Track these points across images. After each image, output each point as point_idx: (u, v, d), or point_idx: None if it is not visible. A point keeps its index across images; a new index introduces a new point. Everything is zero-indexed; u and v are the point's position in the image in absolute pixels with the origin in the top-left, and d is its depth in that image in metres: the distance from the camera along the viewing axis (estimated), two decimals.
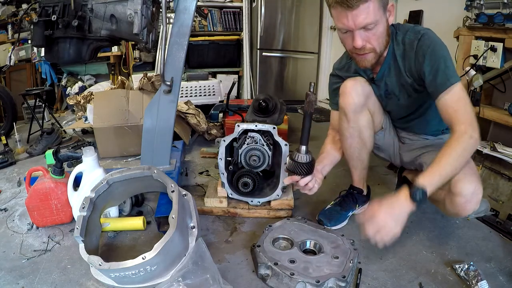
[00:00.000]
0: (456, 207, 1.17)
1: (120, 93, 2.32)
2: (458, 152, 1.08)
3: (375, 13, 1.10)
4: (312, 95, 1.18)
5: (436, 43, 1.17)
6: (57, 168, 1.45)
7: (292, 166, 1.23)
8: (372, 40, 1.17)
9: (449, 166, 1.08)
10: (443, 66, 1.13)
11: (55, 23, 1.39)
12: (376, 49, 1.20)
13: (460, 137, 1.09)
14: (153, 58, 3.96)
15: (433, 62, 1.15)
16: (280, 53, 3.93)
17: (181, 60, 1.59)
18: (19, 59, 4.21)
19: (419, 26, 1.25)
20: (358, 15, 1.09)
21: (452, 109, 1.12)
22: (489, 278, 1.12)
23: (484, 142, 1.86)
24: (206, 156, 2.29)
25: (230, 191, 1.54)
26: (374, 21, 1.12)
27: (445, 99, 1.14)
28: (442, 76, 1.14)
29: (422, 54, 1.18)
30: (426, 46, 1.17)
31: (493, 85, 1.86)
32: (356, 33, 1.14)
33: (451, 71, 1.14)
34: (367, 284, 1.14)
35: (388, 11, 1.17)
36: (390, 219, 1.06)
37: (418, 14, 2.46)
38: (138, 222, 1.41)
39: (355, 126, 1.37)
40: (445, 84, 1.13)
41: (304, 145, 1.21)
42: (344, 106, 1.35)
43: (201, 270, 1.02)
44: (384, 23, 1.16)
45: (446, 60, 1.15)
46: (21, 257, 1.29)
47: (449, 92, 1.12)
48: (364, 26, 1.12)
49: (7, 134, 2.76)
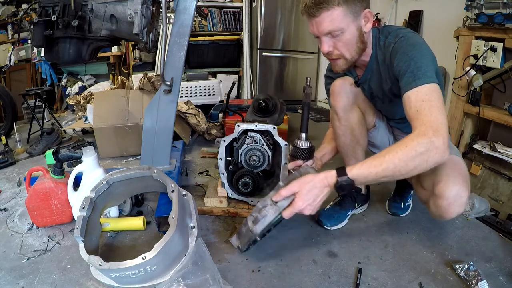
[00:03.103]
0: (439, 209, 1.13)
1: (120, 93, 2.32)
2: (408, 154, 0.97)
3: (340, 20, 1.11)
4: (308, 88, 1.28)
5: (410, 44, 1.12)
6: (57, 168, 1.45)
7: (294, 151, 1.33)
8: (339, 46, 1.17)
9: (392, 165, 0.99)
10: (413, 67, 1.07)
11: (55, 23, 1.39)
12: (345, 56, 1.20)
13: (416, 138, 0.98)
14: (153, 58, 3.96)
15: (403, 62, 1.10)
16: (280, 53, 3.93)
17: (181, 60, 1.59)
18: (19, 59, 4.21)
19: (403, 29, 1.20)
20: (321, 22, 1.13)
21: (414, 109, 1.03)
22: (489, 278, 1.12)
23: (484, 142, 1.86)
24: (206, 156, 2.29)
25: (230, 191, 1.54)
26: (339, 28, 1.12)
27: (408, 97, 1.05)
28: (409, 76, 1.07)
29: (394, 56, 1.15)
30: (400, 48, 1.13)
31: (493, 85, 1.86)
32: (322, 39, 1.17)
33: (422, 72, 1.05)
34: (367, 284, 1.14)
35: (365, 18, 1.16)
36: (311, 200, 1.07)
37: (418, 14, 2.46)
38: (138, 222, 1.41)
39: (346, 124, 1.39)
40: (410, 84, 1.05)
41: (303, 132, 1.31)
42: (334, 105, 1.39)
43: (201, 270, 1.02)
44: (353, 31, 1.15)
45: (419, 61, 1.07)
46: (21, 257, 1.29)
47: (414, 92, 1.04)
48: (329, 33, 1.14)
49: (7, 134, 2.76)
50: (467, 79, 1.88)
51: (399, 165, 0.98)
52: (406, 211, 1.57)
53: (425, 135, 0.97)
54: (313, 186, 1.07)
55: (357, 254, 1.29)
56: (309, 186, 1.07)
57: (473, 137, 1.92)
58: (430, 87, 1.04)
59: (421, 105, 1.02)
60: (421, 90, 1.04)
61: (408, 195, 1.59)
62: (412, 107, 1.04)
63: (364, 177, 1.03)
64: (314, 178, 1.08)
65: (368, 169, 1.02)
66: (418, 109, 1.02)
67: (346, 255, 1.28)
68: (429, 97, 1.02)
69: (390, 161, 0.99)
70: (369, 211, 1.60)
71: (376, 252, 1.30)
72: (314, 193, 1.07)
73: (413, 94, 1.04)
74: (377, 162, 1.01)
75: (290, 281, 1.17)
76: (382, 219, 1.54)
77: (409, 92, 1.06)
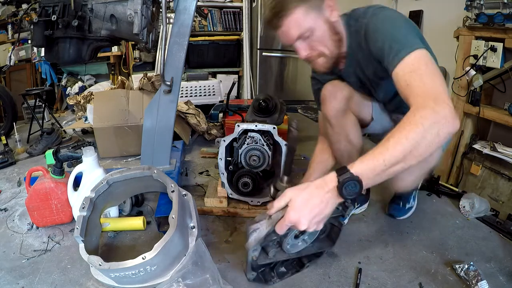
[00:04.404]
0: None
1: (120, 93, 2.32)
2: (416, 130, 0.82)
3: (304, 20, 1.07)
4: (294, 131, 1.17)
5: (380, 20, 1.04)
6: (57, 168, 1.45)
7: (275, 194, 1.34)
8: (315, 46, 1.13)
9: (401, 147, 0.83)
10: (390, 42, 0.98)
11: (55, 23, 1.39)
12: (324, 52, 1.15)
13: (417, 111, 0.84)
14: (153, 58, 3.96)
15: (379, 42, 1.01)
16: (280, 53, 3.92)
17: (181, 60, 1.59)
18: (19, 59, 4.21)
19: (371, 6, 1.11)
20: (287, 30, 1.09)
21: (405, 84, 0.91)
22: (489, 278, 1.12)
23: (484, 142, 1.86)
24: (206, 156, 2.29)
25: (230, 191, 1.54)
26: (307, 29, 1.08)
27: (396, 74, 0.94)
28: (389, 52, 0.97)
29: (369, 38, 1.07)
30: (372, 27, 1.05)
31: (493, 85, 1.86)
32: (295, 46, 1.13)
33: (401, 44, 0.95)
34: (367, 284, 1.14)
35: (328, 7, 1.10)
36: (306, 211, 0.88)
37: (418, 14, 2.46)
38: (138, 222, 1.41)
39: (340, 131, 1.34)
40: (393, 61, 0.95)
41: (286, 175, 1.35)
42: (326, 113, 1.33)
43: (201, 270, 1.02)
44: (321, 25, 1.10)
45: (394, 33, 0.98)
46: (21, 257, 1.29)
47: (399, 67, 0.94)
48: (299, 37, 1.10)
49: (7, 134, 2.76)
50: (467, 79, 1.87)
51: (409, 145, 0.82)
52: (406, 214, 1.53)
53: (425, 107, 0.84)
54: (309, 194, 0.89)
55: (357, 254, 1.29)
56: (305, 194, 0.89)
57: (473, 137, 1.91)
58: (414, 55, 0.93)
59: (410, 77, 0.90)
60: (406, 62, 0.93)
61: (409, 196, 1.54)
62: (402, 83, 0.92)
63: (371, 169, 0.85)
64: (310, 184, 0.91)
65: (373, 159, 0.85)
66: (408, 83, 0.90)
67: (346, 255, 1.28)
68: (417, 65, 0.91)
69: (396, 143, 0.83)
70: (369, 211, 1.60)
71: (376, 252, 1.30)
72: (313, 203, 0.88)
73: (399, 70, 0.94)
74: (381, 149, 0.85)
75: (290, 281, 1.16)
76: (382, 219, 1.54)
77: (395, 70, 0.95)
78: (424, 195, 1.73)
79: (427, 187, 1.78)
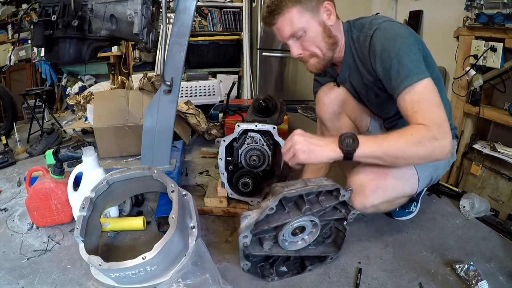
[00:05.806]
0: None
1: (120, 93, 2.32)
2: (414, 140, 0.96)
3: (297, 20, 1.10)
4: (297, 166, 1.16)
5: (389, 38, 1.05)
6: (57, 168, 1.45)
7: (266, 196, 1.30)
8: (307, 46, 1.16)
9: (395, 145, 0.99)
10: (397, 66, 1.02)
11: (55, 23, 1.39)
12: (316, 53, 1.17)
13: (421, 130, 0.97)
14: (153, 58, 3.96)
15: (386, 62, 1.05)
16: (280, 53, 3.92)
17: (181, 60, 1.59)
18: (19, 59, 4.21)
19: (378, 18, 1.13)
20: (281, 28, 1.13)
21: (412, 111, 1.00)
22: (489, 278, 1.12)
23: (484, 142, 1.86)
24: (206, 156, 2.29)
25: (230, 191, 1.54)
26: (299, 29, 1.12)
27: (403, 100, 1.02)
28: (396, 77, 1.03)
29: (373, 54, 1.09)
30: (378, 44, 1.07)
31: (493, 85, 1.86)
32: (288, 44, 1.16)
33: (409, 70, 1.01)
34: (367, 284, 1.14)
35: (326, 11, 1.13)
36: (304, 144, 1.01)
37: (418, 14, 2.46)
38: (138, 222, 1.41)
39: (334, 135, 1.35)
40: (399, 86, 1.02)
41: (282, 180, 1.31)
42: (320, 115, 1.36)
43: (201, 270, 1.02)
44: (315, 27, 1.13)
45: (402, 57, 1.02)
46: (21, 257, 1.29)
47: (408, 93, 1.01)
48: (292, 35, 1.13)
49: (7, 134, 2.76)
50: (467, 79, 1.87)
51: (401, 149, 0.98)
52: (406, 215, 1.51)
53: (430, 131, 0.96)
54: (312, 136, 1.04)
55: (357, 254, 1.29)
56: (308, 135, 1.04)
57: (473, 137, 1.91)
58: (422, 84, 1.00)
59: (419, 106, 0.99)
60: (414, 90, 1.00)
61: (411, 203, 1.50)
62: (409, 109, 1.01)
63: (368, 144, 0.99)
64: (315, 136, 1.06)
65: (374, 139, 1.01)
66: (416, 110, 0.99)
67: (346, 255, 1.28)
68: (425, 95, 1.00)
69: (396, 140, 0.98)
70: None
71: (376, 252, 1.30)
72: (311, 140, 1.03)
73: (407, 96, 1.01)
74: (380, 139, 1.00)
75: (289, 281, 1.17)
76: (382, 219, 1.53)
77: (402, 94, 1.02)
78: (424, 195, 1.73)
79: None
